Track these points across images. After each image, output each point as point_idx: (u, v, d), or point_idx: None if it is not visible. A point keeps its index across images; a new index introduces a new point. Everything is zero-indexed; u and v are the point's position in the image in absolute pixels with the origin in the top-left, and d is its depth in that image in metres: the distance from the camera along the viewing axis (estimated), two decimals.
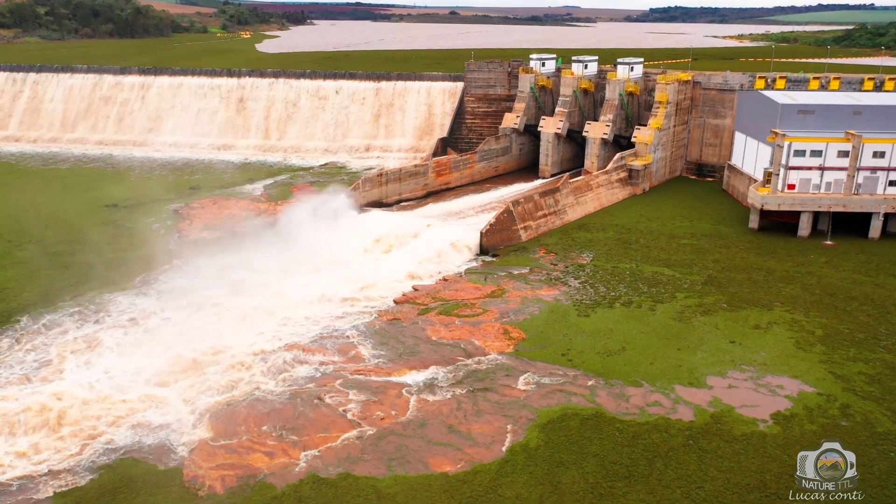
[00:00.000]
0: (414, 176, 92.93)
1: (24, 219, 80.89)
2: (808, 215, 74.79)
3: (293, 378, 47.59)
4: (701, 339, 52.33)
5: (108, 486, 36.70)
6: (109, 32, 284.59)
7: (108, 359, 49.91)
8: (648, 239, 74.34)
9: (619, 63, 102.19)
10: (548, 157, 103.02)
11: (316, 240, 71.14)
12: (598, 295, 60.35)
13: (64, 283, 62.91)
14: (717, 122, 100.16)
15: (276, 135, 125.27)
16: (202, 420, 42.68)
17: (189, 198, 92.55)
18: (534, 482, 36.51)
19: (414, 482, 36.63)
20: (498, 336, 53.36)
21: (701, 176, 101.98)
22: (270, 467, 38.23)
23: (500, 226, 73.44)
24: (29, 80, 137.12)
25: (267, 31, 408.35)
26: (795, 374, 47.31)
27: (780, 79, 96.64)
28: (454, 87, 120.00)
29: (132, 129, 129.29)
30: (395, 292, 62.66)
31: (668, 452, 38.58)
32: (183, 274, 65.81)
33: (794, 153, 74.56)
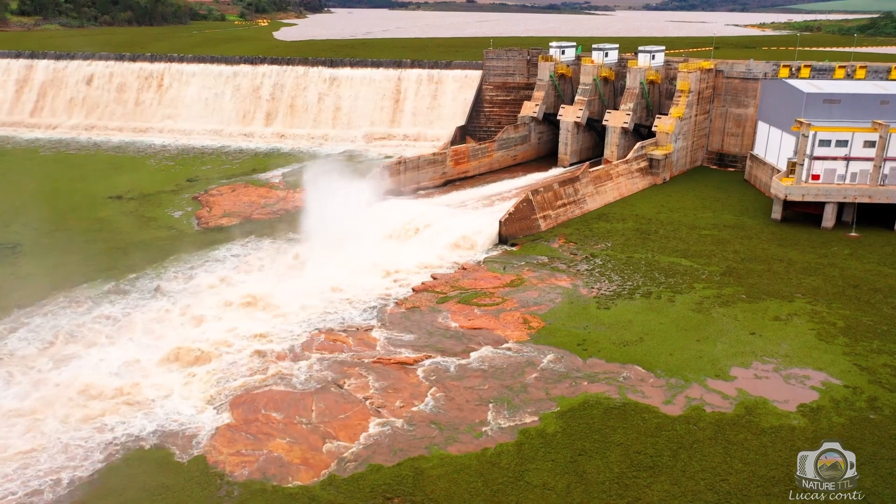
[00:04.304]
0: (432, 164, 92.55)
1: (45, 206, 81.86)
2: (833, 206, 73.63)
3: (312, 365, 47.64)
4: (720, 331, 51.72)
5: (124, 472, 36.95)
6: (128, 20, 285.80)
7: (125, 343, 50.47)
8: (668, 229, 73.59)
9: (641, 51, 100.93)
10: (567, 146, 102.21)
11: (333, 228, 71.06)
12: (616, 285, 59.86)
13: (98, 267, 64.06)
14: (739, 112, 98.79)
15: (293, 122, 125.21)
16: (223, 406, 42.83)
17: (208, 185, 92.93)
18: (558, 471, 36.33)
19: (435, 468, 36.53)
20: (517, 325, 53.08)
21: (722, 166, 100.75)
22: (290, 455, 38.30)
23: (518, 215, 72.99)
24: (48, 67, 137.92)
25: (284, 19, 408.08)
26: (819, 365, 46.65)
27: (804, 67, 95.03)
28: (472, 75, 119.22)
29: (150, 116, 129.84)
30: (413, 281, 62.54)
31: (692, 444, 38.22)
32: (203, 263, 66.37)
33: (819, 143, 73.30)
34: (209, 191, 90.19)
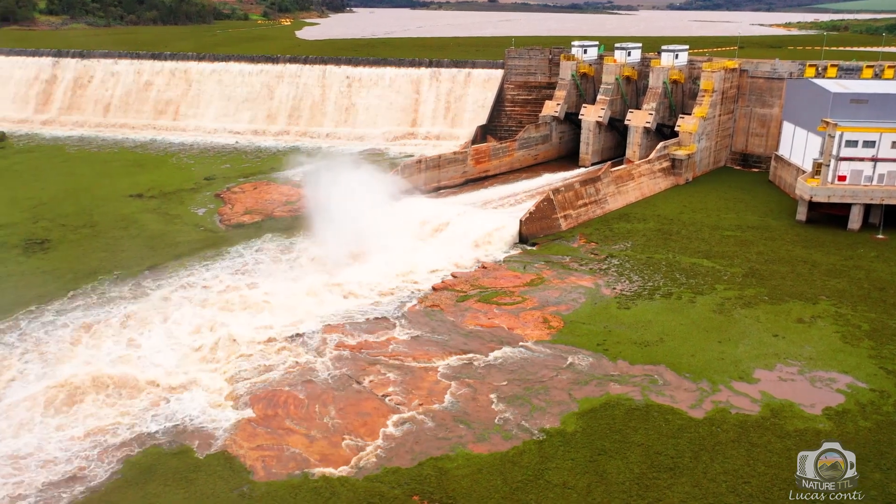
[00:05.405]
0: (453, 163, 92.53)
1: (70, 203, 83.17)
2: (859, 208, 72.51)
3: (332, 362, 47.84)
4: (742, 332, 51.14)
5: (145, 465, 37.35)
6: (153, 19, 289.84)
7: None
8: (691, 230, 72.92)
9: (664, 50, 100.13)
10: (588, 146, 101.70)
11: (352, 226, 71.23)
12: (637, 285, 59.44)
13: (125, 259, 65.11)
14: (764, 112, 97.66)
15: (313, 121, 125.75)
16: (244, 401, 43.15)
17: (229, 183, 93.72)
18: (578, 470, 36.18)
19: (455, 467, 36.53)
20: (537, 324, 52.91)
21: (746, 166, 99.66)
22: (310, 450, 38.49)
23: (539, 214, 72.74)
24: (74, 65, 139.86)
25: (307, 18, 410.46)
26: (844, 368, 45.98)
27: (831, 67, 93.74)
28: (494, 74, 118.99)
29: (172, 114, 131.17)
30: (433, 279, 62.58)
31: (714, 446, 37.86)
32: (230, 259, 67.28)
33: (846, 143, 72.25)
34: (231, 188, 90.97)
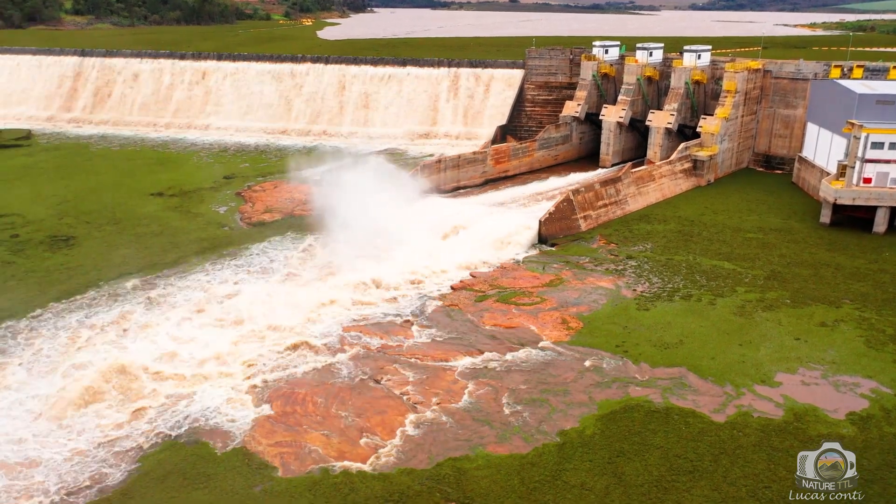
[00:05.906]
0: (472, 163, 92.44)
1: (94, 200, 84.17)
2: (885, 210, 71.42)
3: (350, 360, 47.97)
4: (763, 335, 50.54)
5: (163, 462, 37.59)
6: (177, 19, 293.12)
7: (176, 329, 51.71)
8: (712, 232, 72.25)
9: (686, 50, 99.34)
10: (609, 147, 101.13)
11: (372, 225, 71.39)
12: (657, 287, 58.99)
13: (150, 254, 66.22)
14: (787, 113, 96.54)
15: (334, 120, 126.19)
16: (262, 397, 43.39)
17: (249, 181, 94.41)
18: (596, 471, 35.97)
19: (473, 466, 36.45)
20: (556, 325, 52.69)
21: (769, 168, 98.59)
22: (328, 447, 38.62)
23: (559, 214, 72.44)
24: (99, 64, 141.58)
25: (328, 18, 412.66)
26: (869, 373, 45.28)
27: (857, 68, 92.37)
28: (514, 74, 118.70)
29: (194, 113, 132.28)
30: (451, 278, 62.54)
31: (735, 450, 37.44)
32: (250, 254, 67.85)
33: (872, 145, 71.18)
34: (251, 187, 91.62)
